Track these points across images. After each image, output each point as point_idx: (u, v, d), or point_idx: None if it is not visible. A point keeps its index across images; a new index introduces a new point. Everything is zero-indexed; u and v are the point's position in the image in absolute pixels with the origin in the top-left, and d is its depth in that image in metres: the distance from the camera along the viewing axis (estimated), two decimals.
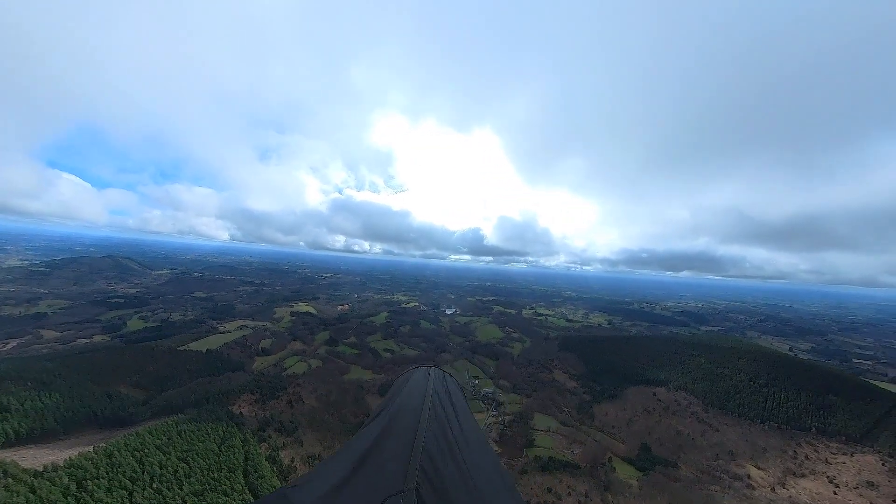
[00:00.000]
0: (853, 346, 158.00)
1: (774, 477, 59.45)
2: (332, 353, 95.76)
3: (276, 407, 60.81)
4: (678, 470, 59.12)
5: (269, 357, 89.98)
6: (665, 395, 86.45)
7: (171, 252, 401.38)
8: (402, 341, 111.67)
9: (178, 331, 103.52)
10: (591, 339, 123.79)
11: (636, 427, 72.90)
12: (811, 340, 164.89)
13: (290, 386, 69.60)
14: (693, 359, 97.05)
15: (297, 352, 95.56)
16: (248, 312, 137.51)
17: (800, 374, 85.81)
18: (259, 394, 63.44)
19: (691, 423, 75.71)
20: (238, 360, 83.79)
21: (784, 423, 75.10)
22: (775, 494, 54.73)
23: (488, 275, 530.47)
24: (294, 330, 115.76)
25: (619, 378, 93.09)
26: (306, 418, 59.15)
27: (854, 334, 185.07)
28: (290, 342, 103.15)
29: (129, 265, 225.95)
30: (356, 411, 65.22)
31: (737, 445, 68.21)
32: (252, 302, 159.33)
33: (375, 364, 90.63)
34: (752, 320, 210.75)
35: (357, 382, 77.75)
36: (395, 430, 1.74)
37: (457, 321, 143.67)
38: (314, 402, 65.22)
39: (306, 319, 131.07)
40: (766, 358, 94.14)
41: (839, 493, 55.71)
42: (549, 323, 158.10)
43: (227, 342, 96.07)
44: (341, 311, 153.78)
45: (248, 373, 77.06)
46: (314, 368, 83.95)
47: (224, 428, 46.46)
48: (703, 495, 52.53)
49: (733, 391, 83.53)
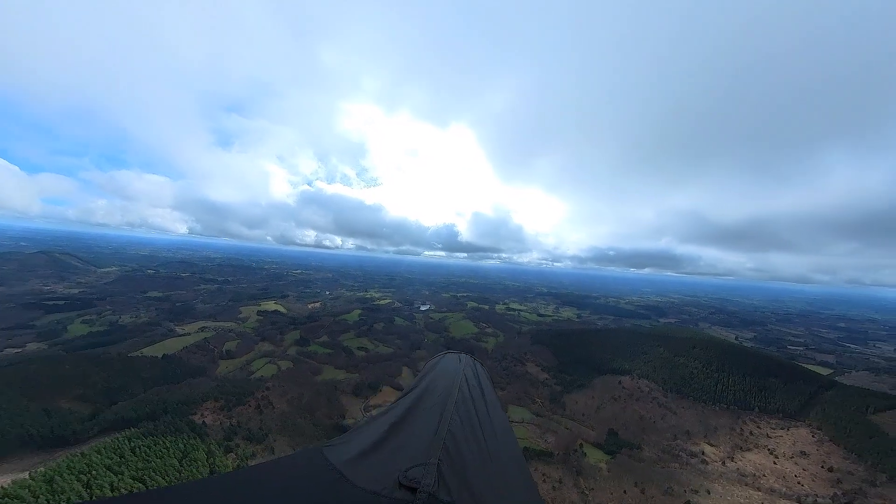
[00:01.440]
0: (788, 335, 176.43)
1: (725, 452, 65.20)
2: (304, 354, 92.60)
3: (244, 413, 57.92)
4: (642, 451, 63.22)
5: (235, 360, 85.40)
6: (629, 382, 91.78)
7: (120, 247, 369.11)
8: (377, 339, 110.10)
9: (129, 335, 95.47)
10: (562, 333, 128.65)
11: (604, 414, 76.98)
12: (753, 330, 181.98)
13: (259, 390, 66.52)
14: (654, 349, 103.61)
15: (266, 353, 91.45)
16: (210, 312, 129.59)
17: (745, 361, 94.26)
18: (224, 400, 60.08)
19: (653, 407, 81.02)
20: (199, 364, 78.80)
21: (732, 403, 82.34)
22: (725, 467, 60.10)
23: (462, 271, 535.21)
24: (261, 330, 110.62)
25: (587, 369, 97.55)
26: (277, 423, 56.87)
27: (789, 324, 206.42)
28: (257, 343, 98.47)
29: (70, 262, 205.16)
30: (330, 413, 63.68)
31: (692, 426, 73.93)
32: (214, 301, 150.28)
33: (349, 363, 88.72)
34: (704, 313, 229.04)
35: (331, 383, 75.80)
36: (425, 408, 1.87)
37: (431, 317, 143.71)
38: (285, 405, 62.81)
39: (275, 319, 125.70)
40: (716, 347, 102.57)
41: (778, 463, 62.17)
42: (522, 318, 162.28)
43: (187, 346, 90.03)
44: (312, 310, 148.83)
45: (211, 378, 72.67)
46: (284, 370, 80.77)
47: (185, 440, 43.53)
48: (664, 473, 56.71)
49: (689, 377, 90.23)
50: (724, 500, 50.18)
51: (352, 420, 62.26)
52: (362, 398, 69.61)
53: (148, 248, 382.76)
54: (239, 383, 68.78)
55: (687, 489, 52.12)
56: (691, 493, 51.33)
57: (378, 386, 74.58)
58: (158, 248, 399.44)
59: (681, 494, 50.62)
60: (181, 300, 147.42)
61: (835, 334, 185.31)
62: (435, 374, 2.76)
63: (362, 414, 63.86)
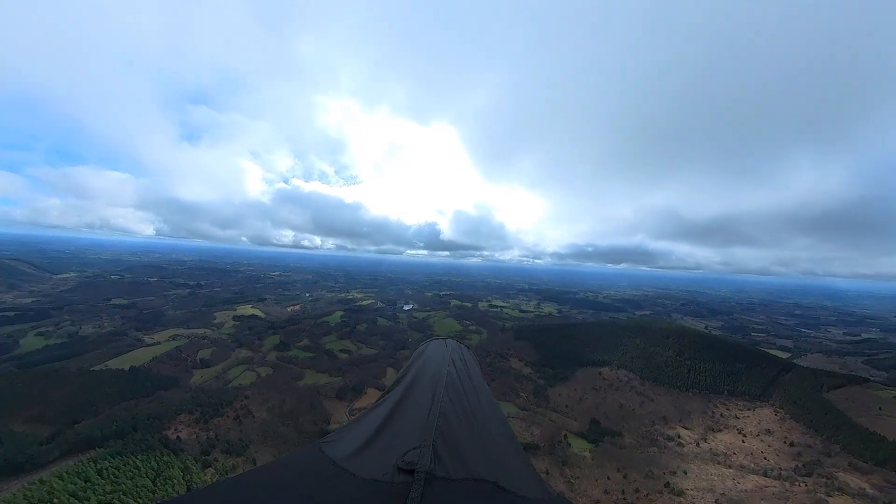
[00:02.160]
0: (751, 322, 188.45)
1: (698, 434, 68.89)
2: (284, 359, 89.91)
3: (222, 425, 55.59)
4: (623, 438, 65.72)
5: (210, 369, 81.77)
6: (609, 373, 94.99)
7: (79, 251, 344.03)
8: (360, 340, 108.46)
9: (91, 347, 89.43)
10: (543, 328, 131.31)
11: (586, 404, 79.36)
12: (721, 319, 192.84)
13: (237, 399, 64.04)
14: (631, 340, 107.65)
15: (244, 360, 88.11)
16: (181, 319, 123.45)
17: (714, 348, 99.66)
18: (200, 412, 57.40)
19: (631, 396, 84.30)
20: (171, 375, 74.88)
21: (704, 388, 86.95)
22: (699, 448, 63.52)
23: (445, 269, 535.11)
24: (238, 336, 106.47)
25: (569, 362, 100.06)
26: (258, 433, 54.98)
27: (752, 313, 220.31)
28: (234, 350, 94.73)
29: (20, 268, 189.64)
30: (314, 418, 62.19)
31: (668, 411, 77.53)
32: (186, 307, 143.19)
33: (332, 366, 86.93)
34: (676, 304, 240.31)
35: (313, 387, 74.02)
36: (416, 393, 1.96)
37: (415, 316, 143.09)
38: (266, 414, 60.78)
39: (252, 323, 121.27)
40: (688, 336, 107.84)
41: (746, 441, 66.34)
42: (505, 314, 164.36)
43: (157, 356, 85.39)
44: (292, 313, 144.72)
45: (184, 389, 69.23)
46: (264, 377, 78.13)
47: (158, 457, 41.23)
48: (644, 457, 59.24)
49: (664, 366, 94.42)
50: (699, 479, 52.90)
51: (336, 424, 61.07)
52: (347, 401, 68.43)
53: (111, 252, 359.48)
54: (215, 393, 65.88)
55: (665, 471, 54.61)
56: (670, 474, 53.83)
57: (362, 388, 73.52)
58: (123, 251, 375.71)
59: (660, 477, 52.96)
60: (149, 307, 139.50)
61: (792, 321, 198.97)
62: (423, 360, 2.84)
63: (347, 418, 62.77)
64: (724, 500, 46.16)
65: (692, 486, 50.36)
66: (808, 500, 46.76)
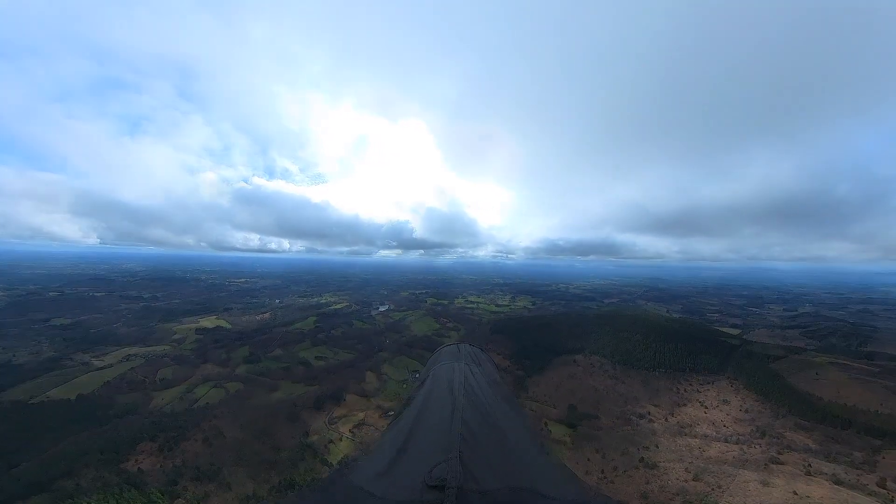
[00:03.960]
0: (706, 305, 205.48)
1: (666, 410, 73.70)
2: (255, 372, 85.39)
3: (190, 450, 51.78)
4: (599, 420, 68.94)
5: (173, 389, 75.90)
6: (583, 360, 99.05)
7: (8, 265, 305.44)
8: (336, 346, 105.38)
9: (28, 376, 79.72)
10: (519, 321, 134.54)
11: (563, 391, 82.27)
12: (680, 303, 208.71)
13: (206, 419, 59.91)
14: (601, 328, 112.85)
15: (210, 376, 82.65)
16: (136, 336, 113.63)
17: (676, 330, 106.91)
18: (163, 439, 53.07)
19: (605, 380, 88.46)
20: (128, 401, 68.73)
21: (669, 368, 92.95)
22: (668, 423, 67.99)
23: (419, 268, 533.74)
24: (203, 351, 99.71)
25: (545, 352, 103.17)
26: (231, 455, 51.77)
27: (706, 296, 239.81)
28: (198, 366, 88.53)
29: None
30: (292, 432, 59.64)
31: (639, 392, 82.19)
32: (141, 323, 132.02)
33: (308, 375, 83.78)
34: (640, 292, 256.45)
35: (289, 399, 70.93)
36: (435, 405, 1.91)
37: (391, 317, 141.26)
38: (239, 432, 57.37)
39: (217, 336, 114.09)
40: (653, 321, 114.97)
41: (708, 413, 71.81)
42: (481, 310, 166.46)
43: (109, 380, 78.03)
44: (261, 321, 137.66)
45: (144, 415, 63.76)
46: (234, 393, 73.78)
47: (118, 495, 37.61)
48: (620, 436, 62.54)
49: (633, 349, 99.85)
50: (669, 452, 56.63)
51: (316, 436, 59.01)
52: (326, 411, 66.22)
53: (46, 265, 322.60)
54: (180, 416, 61.27)
55: (640, 447, 57.91)
56: (643, 450, 57.14)
57: (341, 396, 71.51)
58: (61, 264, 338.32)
59: (635, 453, 56.08)
60: (97, 325, 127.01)
61: (740, 301, 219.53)
62: (437, 369, 2.74)
63: (326, 427, 60.85)
64: (693, 467, 49.72)
65: (664, 458, 53.79)
66: (762, 458, 51.58)
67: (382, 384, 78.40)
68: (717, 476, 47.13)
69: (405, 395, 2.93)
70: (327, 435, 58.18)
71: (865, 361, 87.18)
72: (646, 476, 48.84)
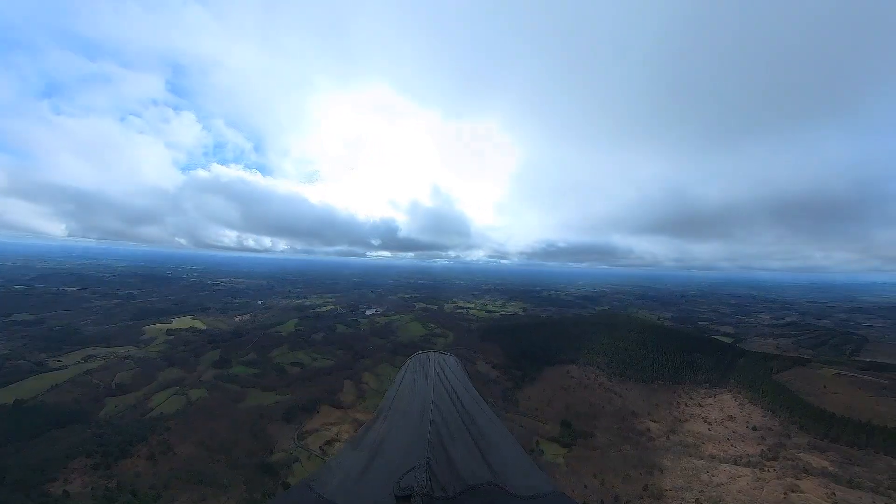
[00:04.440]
0: (697, 312, 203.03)
1: (667, 426, 68.37)
2: (223, 378, 78.28)
3: (130, 468, 44.96)
4: (595, 439, 63.35)
5: (128, 396, 68.54)
6: (577, 371, 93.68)
7: None
8: (315, 351, 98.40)
9: None
10: (510, 327, 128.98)
11: (556, 406, 76.60)
12: (670, 310, 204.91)
13: (156, 432, 53.04)
14: (596, 336, 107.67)
15: (173, 382, 75.41)
16: (103, 336, 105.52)
17: (673, 339, 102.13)
18: (102, 454, 46.21)
19: (600, 393, 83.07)
20: (74, 408, 61.38)
21: (667, 379, 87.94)
22: (670, 441, 62.63)
23: (411, 271, 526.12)
24: (170, 354, 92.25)
25: (536, 361, 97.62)
26: (180, 474, 45.05)
27: (696, 304, 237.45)
28: (162, 371, 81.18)
29: None
30: (254, 447, 52.96)
31: (637, 405, 76.88)
32: (111, 321, 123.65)
33: (280, 383, 76.90)
34: (631, 298, 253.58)
35: (256, 410, 64.16)
36: (405, 413, 2.02)
37: (377, 321, 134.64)
38: (192, 448, 50.57)
39: (189, 338, 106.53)
40: (649, 329, 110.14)
41: (712, 429, 66.69)
42: (471, 315, 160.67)
43: (59, 383, 70.41)
44: (239, 323, 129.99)
45: (88, 425, 56.56)
46: (196, 401, 66.70)
47: None
48: (619, 457, 57.03)
49: (629, 360, 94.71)
50: (675, 476, 51.17)
51: (282, 452, 52.43)
52: (295, 424, 59.59)
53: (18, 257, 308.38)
54: (127, 427, 54.24)
55: (642, 471, 52.40)
56: (646, 474, 51.66)
57: (315, 406, 64.94)
58: (40, 259, 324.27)
59: (637, 479, 50.54)
60: (63, 322, 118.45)
61: (729, 309, 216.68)
62: (408, 378, 2.77)
63: (294, 443, 54.25)
64: (704, 497, 44.33)
65: (670, 485, 48.36)
66: (780, 486, 46.30)
67: (361, 395, 71.94)
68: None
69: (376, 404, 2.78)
70: (294, 453, 51.61)
71: (872, 373, 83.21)
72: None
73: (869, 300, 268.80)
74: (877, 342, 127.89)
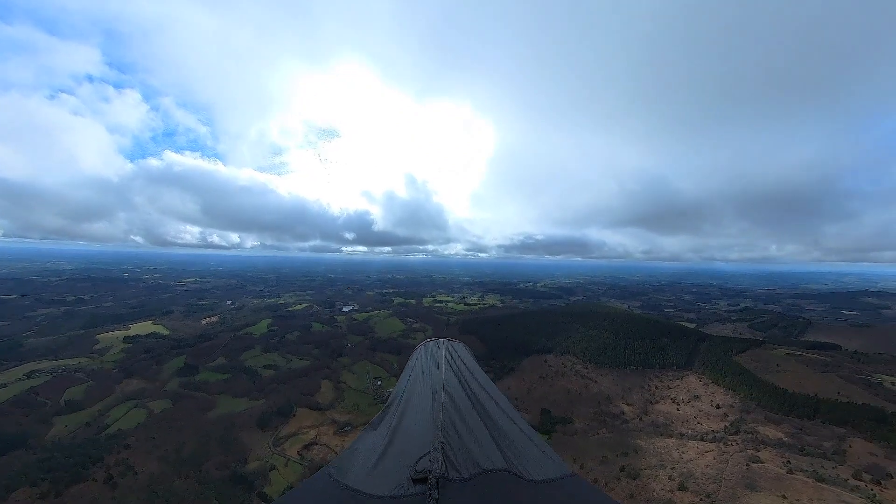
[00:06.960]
0: (662, 300, 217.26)
1: (639, 408, 71.59)
2: (189, 386, 73.60)
3: (85, 493, 41.12)
4: (574, 424, 65.33)
5: (81, 413, 62.77)
6: (554, 360, 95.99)
7: None
8: (289, 352, 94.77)
9: None
10: (488, 320, 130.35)
11: (535, 395, 78.27)
12: (639, 300, 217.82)
13: (114, 451, 48.89)
14: (570, 325, 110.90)
15: (132, 394, 69.94)
16: (49, 348, 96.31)
17: (643, 327, 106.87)
18: (50, 481, 41.92)
19: (577, 380, 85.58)
20: (16, 431, 55.39)
21: (638, 364, 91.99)
22: (642, 422, 65.62)
23: (387, 266, 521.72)
24: (128, 363, 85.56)
25: (515, 352, 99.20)
26: (143, 495, 41.79)
27: (662, 293, 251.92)
28: (119, 383, 75.12)
29: None
30: (226, 459, 50.10)
31: (611, 390, 79.92)
32: (58, 331, 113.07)
33: (253, 387, 73.34)
34: (603, 289, 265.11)
35: (227, 418, 60.80)
36: (417, 400, 2.07)
37: (355, 318, 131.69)
38: (156, 465, 47.07)
39: (150, 344, 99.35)
40: (620, 317, 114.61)
41: (680, 409, 70.46)
42: (450, 309, 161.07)
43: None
44: (206, 326, 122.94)
45: (34, 449, 51.22)
46: (159, 413, 62.23)
47: None
48: (596, 441, 59.14)
49: (603, 347, 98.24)
50: (649, 456, 53.56)
51: (257, 461, 49.97)
52: (270, 430, 57.01)
53: None
54: (80, 448, 49.59)
55: (618, 453, 54.46)
56: (622, 455, 53.70)
57: (291, 410, 62.42)
58: None
59: (614, 460, 52.46)
60: (0, 335, 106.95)
61: (691, 297, 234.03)
62: (418, 365, 2.84)
63: (270, 450, 51.87)
64: (676, 474, 46.68)
65: (645, 464, 50.55)
66: (742, 458, 49.70)
67: (340, 394, 69.98)
68: (701, 483, 44.30)
69: (388, 391, 2.85)
70: (269, 460, 49.30)
71: (816, 352, 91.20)
72: (629, 488, 45.07)
73: (811, 287, 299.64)
74: (818, 324, 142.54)
